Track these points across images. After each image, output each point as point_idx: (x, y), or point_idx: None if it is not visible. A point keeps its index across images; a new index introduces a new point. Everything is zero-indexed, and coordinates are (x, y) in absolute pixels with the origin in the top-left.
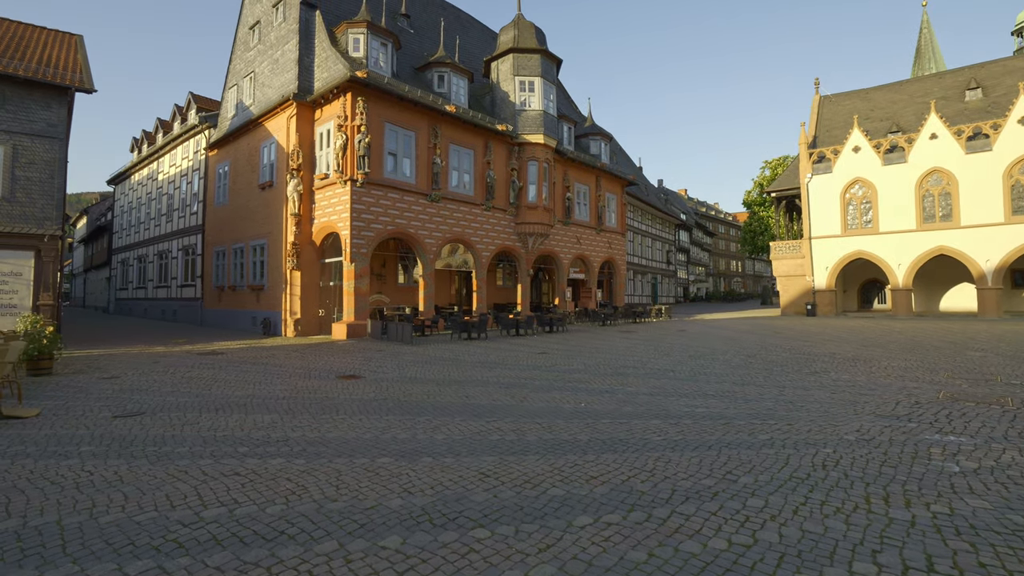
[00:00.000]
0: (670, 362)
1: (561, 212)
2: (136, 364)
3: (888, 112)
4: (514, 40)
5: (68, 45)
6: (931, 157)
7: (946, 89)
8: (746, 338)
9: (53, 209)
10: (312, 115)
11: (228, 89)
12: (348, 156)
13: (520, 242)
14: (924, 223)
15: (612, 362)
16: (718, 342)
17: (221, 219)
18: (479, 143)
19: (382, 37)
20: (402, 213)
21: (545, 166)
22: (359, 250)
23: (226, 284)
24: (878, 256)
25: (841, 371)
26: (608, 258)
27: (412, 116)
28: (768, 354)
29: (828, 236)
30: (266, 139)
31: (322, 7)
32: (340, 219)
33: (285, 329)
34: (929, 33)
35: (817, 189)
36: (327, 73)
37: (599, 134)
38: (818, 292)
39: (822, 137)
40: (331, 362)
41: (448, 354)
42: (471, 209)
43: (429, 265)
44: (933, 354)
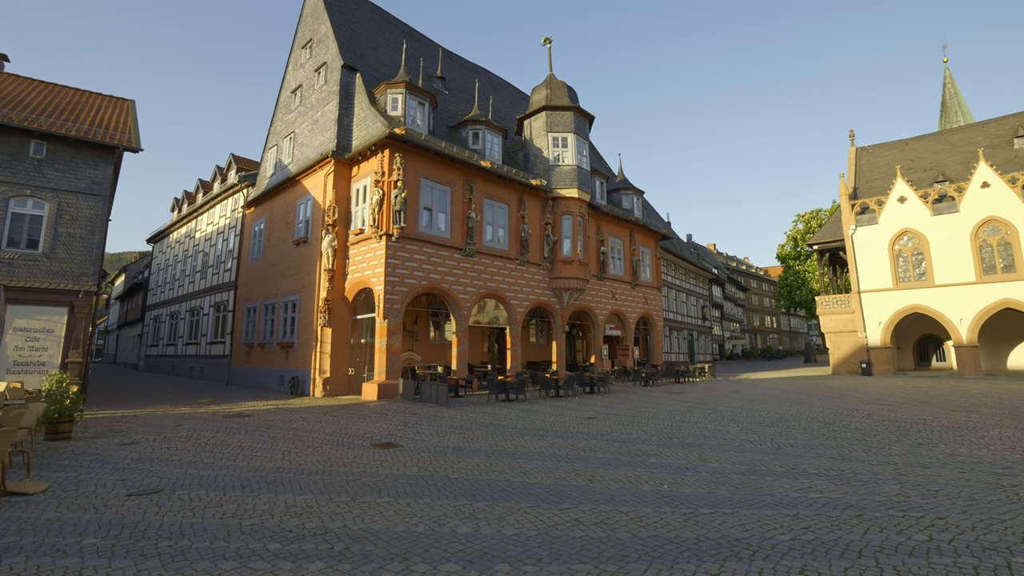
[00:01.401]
0: (742, 431)
1: (596, 267)
2: (159, 427)
3: (931, 162)
4: (547, 98)
5: (120, 109)
6: (985, 206)
7: (991, 137)
8: (810, 401)
9: (91, 265)
10: (349, 172)
11: (268, 150)
12: (384, 211)
13: (555, 297)
14: (984, 275)
15: (674, 430)
16: (782, 406)
17: (254, 276)
18: (513, 197)
19: (419, 97)
20: (436, 268)
21: (579, 220)
22: (392, 306)
23: (255, 341)
24: (936, 310)
25: (950, 442)
26: (644, 314)
27: (448, 171)
28: (848, 420)
29: (879, 290)
30: (303, 196)
31: (362, 70)
32: (374, 274)
33: (313, 388)
34: (953, 87)
35: (863, 241)
36: (365, 131)
37: (630, 189)
38: (872, 349)
39: (862, 188)
40: (364, 426)
41: (488, 418)
42: (505, 264)
43: (463, 321)
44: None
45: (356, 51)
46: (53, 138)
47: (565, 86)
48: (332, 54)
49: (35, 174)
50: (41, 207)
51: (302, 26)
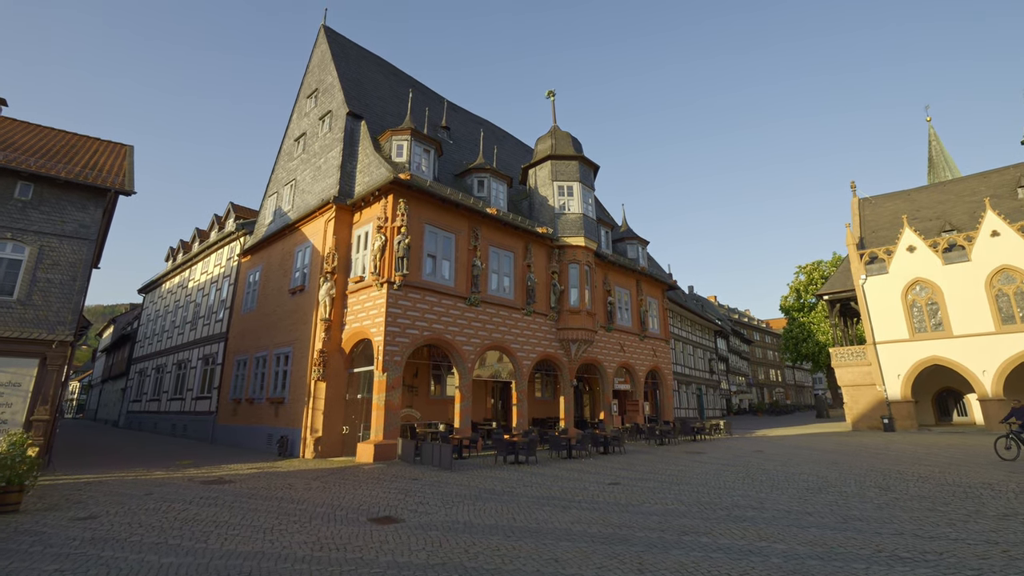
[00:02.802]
0: (791, 499)
1: (603, 317)
2: (125, 497)
3: (935, 212)
4: (552, 147)
5: (117, 153)
6: (997, 255)
7: (994, 187)
8: (847, 462)
9: (69, 313)
10: (351, 218)
11: (268, 197)
12: (386, 257)
13: (562, 349)
14: (1004, 324)
15: (714, 498)
16: (818, 467)
17: (247, 326)
18: (519, 246)
19: (425, 144)
20: (439, 317)
21: (586, 269)
22: (392, 358)
23: (244, 396)
24: (957, 362)
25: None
26: (653, 367)
27: (452, 218)
28: (904, 485)
29: (895, 341)
30: (301, 243)
31: (367, 118)
32: (374, 324)
33: (304, 449)
34: (938, 144)
35: (874, 291)
36: (369, 177)
37: (635, 238)
38: (893, 403)
39: (868, 238)
40: (360, 495)
41: (499, 484)
42: (511, 314)
43: (467, 375)
44: None
45: (362, 100)
46: (41, 179)
47: (570, 136)
48: (337, 102)
49: (18, 216)
50: (21, 251)
51: (308, 77)
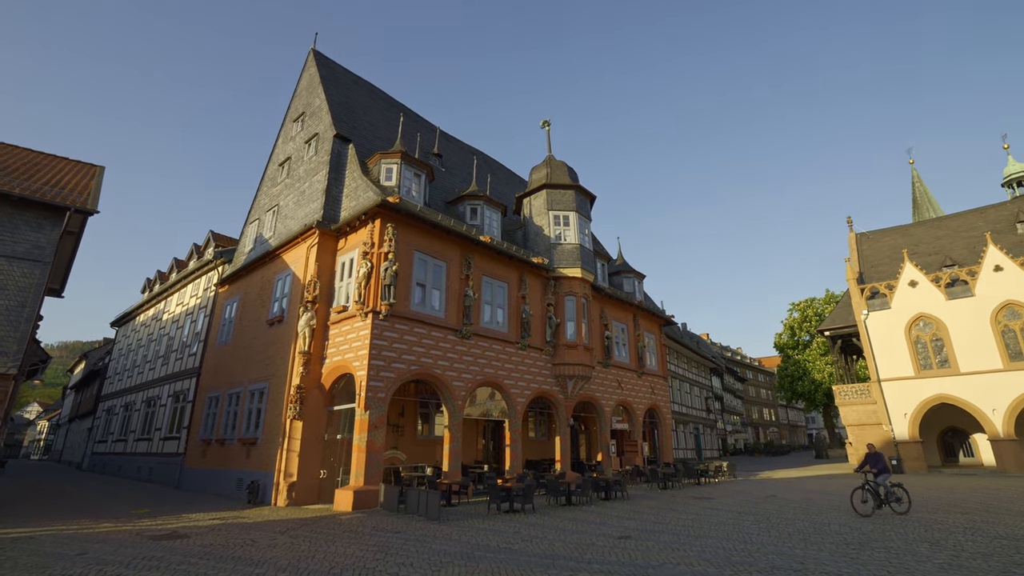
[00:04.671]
0: (833, 556)
1: (600, 352)
2: (52, 557)
3: (934, 247)
4: (547, 176)
5: (86, 174)
6: (1002, 290)
7: (993, 223)
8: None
9: (14, 343)
10: (335, 245)
11: (249, 224)
12: (372, 285)
13: (558, 386)
14: (1012, 361)
15: (744, 557)
16: (843, 516)
17: (221, 360)
18: (513, 276)
19: (416, 168)
20: (428, 351)
21: (583, 302)
22: (376, 394)
23: (214, 437)
24: (965, 400)
25: None
26: (652, 405)
27: (444, 245)
28: (953, 539)
29: (900, 378)
30: (282, 271)
31: (355, 142)
32: (356, 357)
33: (276, 495)
34: (921, 185)
35: (877, 326)
36: (355, 202)
37: (631, 272)
38: (901, 444)
39: (867, 273)
40: (331, 555)
41: (494, 538)
42: (505, 348)
43: (457, 413)
44: None
45: (350, 123)
46: None
47: (565, 165)
48: (324, 124)
49: None
50: None
51: (296, 101)
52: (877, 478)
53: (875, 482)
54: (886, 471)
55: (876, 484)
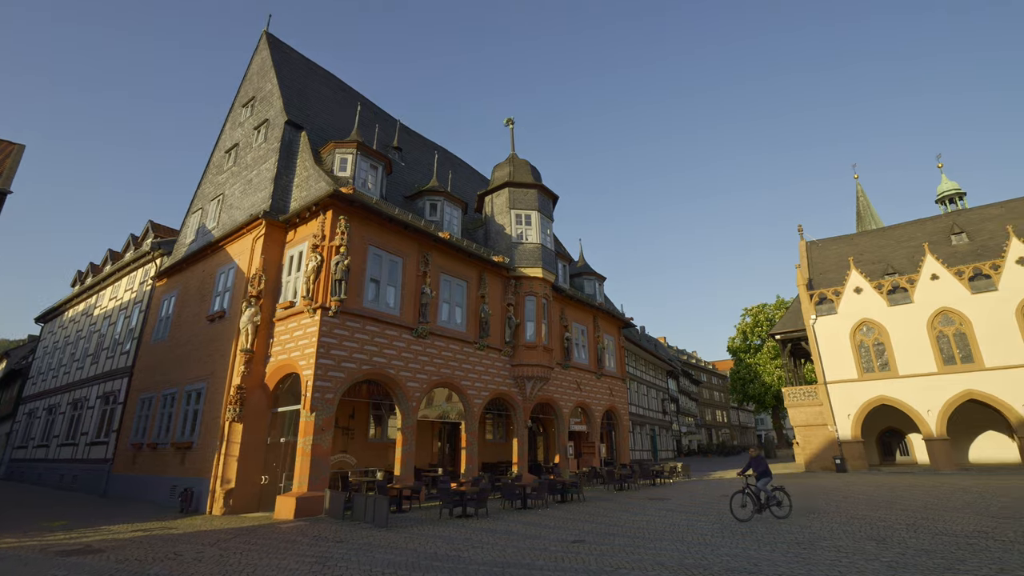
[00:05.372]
0: (785, 557)
1: (560, 354)
2: None
3: (878, 255)
4: (510, 175)
5: (2, 151)
6: (937, 297)
7: (930, 234)
8: (819, 507)
9: None
10: (283, 237)
11: (191, 214)
12: (321, 280)
13: (516, 387)
14: (945, 365)
15: (698, 559)
16: (794, 514)
17: (156, 359)
18: (473, 275)
19: (372, 159)
20: (382, 350)
21: (544, 302)
22: (324, 395)
23: (146, 441)
24: (903, 402)
25: None
26: (610, 407)
27: (400, 241)
28: (901, 536)
29: (845, 381)
30: (225, 264)
31: (308, 130)
32: (303, 355)
33: (212, 504)
34: (865, 200)
35: (824, 331)
36: (306, 192)
37: (592, 274)
38: (844, 444)
39: (816, 279)
40: (263, 572)
41: (443, 546)
42: (462, 347)
43: (411, 415)
44: None
45: (304, 110)
46: None
47: (528, 164)
48: (275, 110)
49: None
50: None
51: (246, 85)
52: (759, 482)
53: (756, 486)
54: (767, 475)
55: (757, 488)
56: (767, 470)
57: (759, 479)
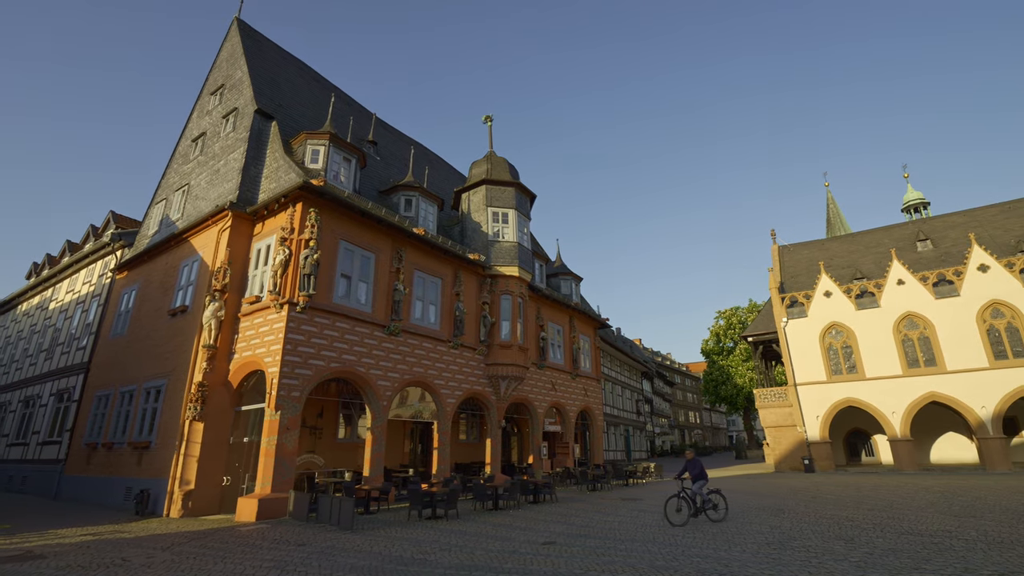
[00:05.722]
0: (755, 558)
1: (535, 353)
2: None
3: (847, 260)
4: (487, 172)
5: None
6: (903, 302)
7: (897, 240)
8: (789, 507)
9: None
10: (251, 230)
11: (155, 205)
12: (289, 274)
13: (491, 386)
14: (909, 368)
15: (669, 561)
16: (763, 515)
17: (114, 354)
18: (448, 272)
19: (346, 152)
20: (351, 347)
21: (520, 301)
22: (290, 393)
23: (101, 441)
24: (869, 403)
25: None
26: (585, 407)
27: (374, 236)
28: (867, 536)
29: (814, 382)
30: (189, 257)
31: (279, 119)
32: (269, 352)
33: (169, 506)
34: (835, 207)
35: (795, 333)
36: (276, 183)
37: (569, 274)
38: (812, 444)
39: (788, 283)
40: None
41: (409, 549)
42: (436, 346)
43: (381, 415)
44: None
45: (275, 100)
46: None
47: (506, 162)
48: (245, 98)
49: None
50: None
51: (215, 72)
52: (694, 485)
53: (692, 490)
54: (703, 478)
55: (693, 492)
56: (703, 473)
57: (695, 482)
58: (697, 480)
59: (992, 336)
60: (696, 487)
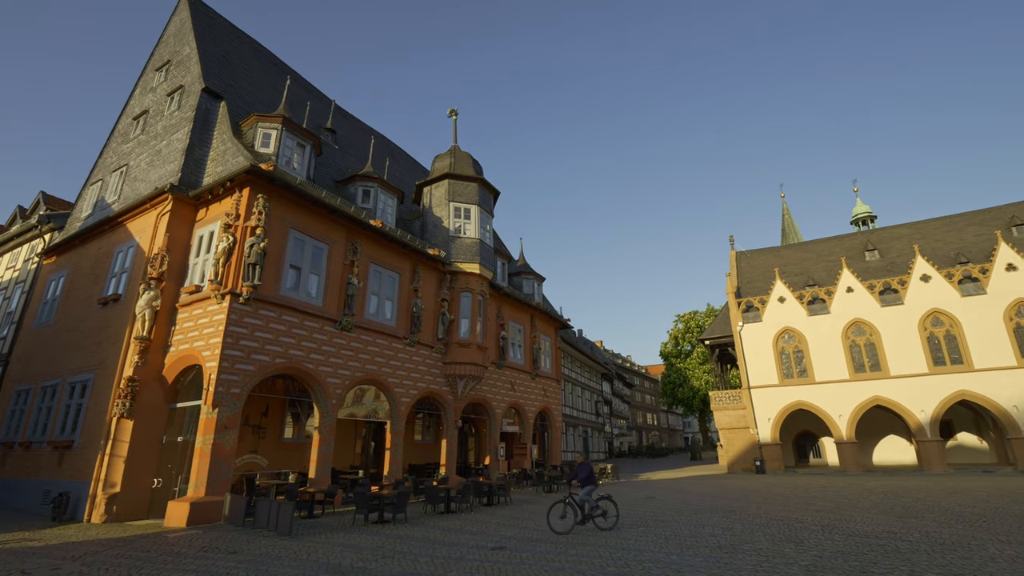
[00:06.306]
0: (707, 562)
1: (495, 353)
2: None
3: (801, 267)
4: (451, 166)
5: None
6: (851, 309)
7: (847, 249)
8: (740, 508)
9: None
10: (193, 215)
11: (90, 186)
12: (233, 263)
13: (448, 386)
14: (856, 372)
15: (619, 568)
16: (716, 516)
17: (37, 346)
18: (406, 267)
19: (300, 137)
20: (299, 342)
21: (480, 299)
22: (229, 390)
23: (18, 439)
24: (818, 406)
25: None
26: (544, 407)
27: (327, 226)
28: (814, 538)
29: (767, 386)
30: (124, 242)
31: (229, 100)
32: (208, 345)
33: (91, 510)
34: (789, 217)
35: (750, 337)
36: (222, 167)
37: (531, 274)
38: (764, 446)
39: (744, 288)
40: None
41: (349, 556)
42: (391, 343)
43: (329, 414)
44: (1008, 527)
45: (225, 79)
46: None
47: (470, 157)
48: (192, 76)
49: None
50: None
51: (161, 47)
52: (582, 491)
53: (580, 496)
54: (592, 483)
55: (581, 498)
56: (591, 477)
57: (583, 487)
58: (586, 485)
59: (932, 343)
60: (584, 493)
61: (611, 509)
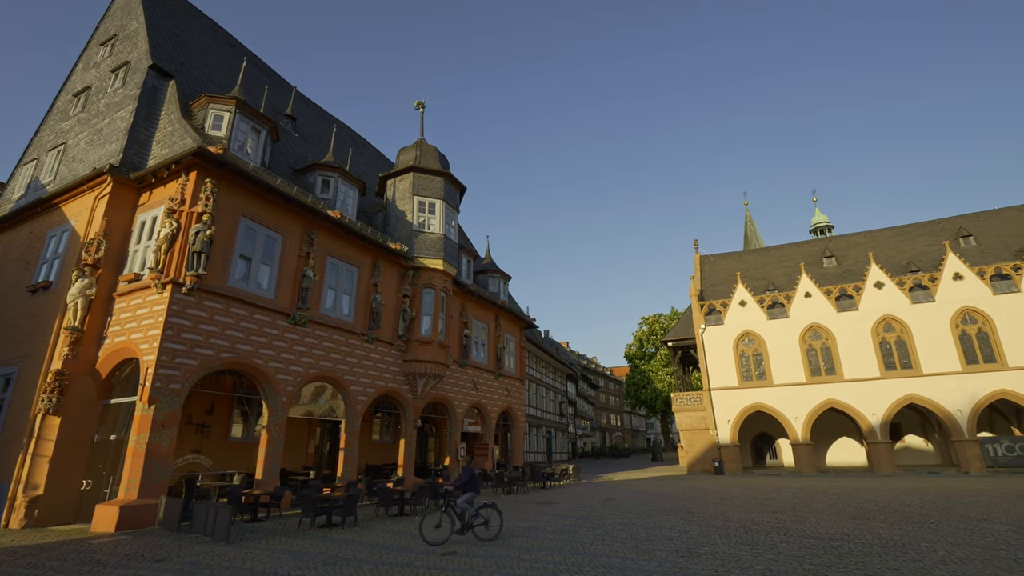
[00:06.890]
0: (663, 566)
1: (457, 351)
2: None
3: (762, 272)
4: (416, 159)
5: None
6: (809, 314)
7: (806, 256)
8: (699, 510)
9: None
10: (135, 199)
11: (23, 165)
12: (176, 250)
13: (408, 384)
14: (812, 376)
15: (568, 572)
16: (674, 518)
17: None
18: (366, 261)
19: (255, 121)
20: (248, 336)
21: (443, 296)
22: (168, 385)
23: None
24: (775, 409)
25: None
26: (507, 407)
27: (282, 216)
28: (769, 540)
29: (727, 388)
30: (59, 225)
31: (179, 80)
32: (146, 337)
33: (9, 514)
34: (752, 224)
35: (712, 340)
36: (168, 149)
37: (497, 272)
38: (723, 447)
39: (708, 291)
40: None
41: (288, 565)
42: (348, 339)
43: (280, 412)
44: (955, 528)
45: (177, 58)
46: None
47: (437, 151)
48: (139, 52)
49: None
50: None
51: (107, 21)
52: (462, 497)
53: (460, 503)
54: (474, 489)
55: (461, 506)
56: (472, 482)
57: (463, 493)
58: (466, 491)
59: (884, 348)
60: (464, 500)
61: (494, 517)
